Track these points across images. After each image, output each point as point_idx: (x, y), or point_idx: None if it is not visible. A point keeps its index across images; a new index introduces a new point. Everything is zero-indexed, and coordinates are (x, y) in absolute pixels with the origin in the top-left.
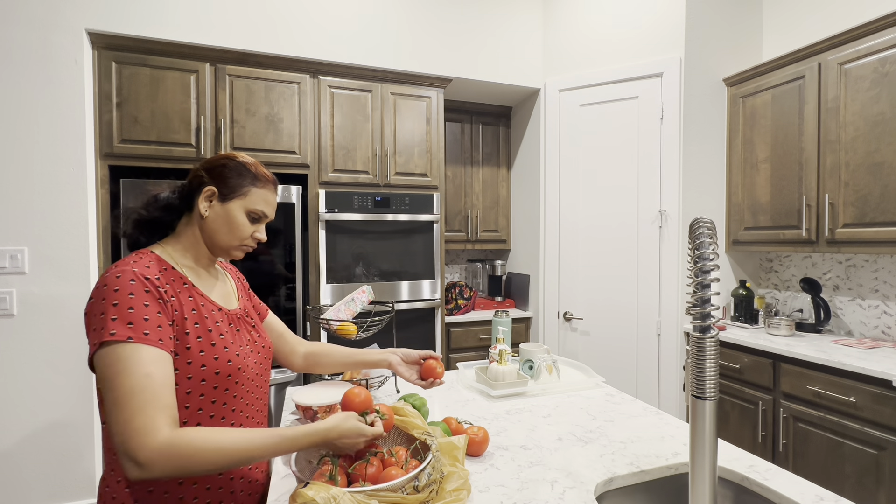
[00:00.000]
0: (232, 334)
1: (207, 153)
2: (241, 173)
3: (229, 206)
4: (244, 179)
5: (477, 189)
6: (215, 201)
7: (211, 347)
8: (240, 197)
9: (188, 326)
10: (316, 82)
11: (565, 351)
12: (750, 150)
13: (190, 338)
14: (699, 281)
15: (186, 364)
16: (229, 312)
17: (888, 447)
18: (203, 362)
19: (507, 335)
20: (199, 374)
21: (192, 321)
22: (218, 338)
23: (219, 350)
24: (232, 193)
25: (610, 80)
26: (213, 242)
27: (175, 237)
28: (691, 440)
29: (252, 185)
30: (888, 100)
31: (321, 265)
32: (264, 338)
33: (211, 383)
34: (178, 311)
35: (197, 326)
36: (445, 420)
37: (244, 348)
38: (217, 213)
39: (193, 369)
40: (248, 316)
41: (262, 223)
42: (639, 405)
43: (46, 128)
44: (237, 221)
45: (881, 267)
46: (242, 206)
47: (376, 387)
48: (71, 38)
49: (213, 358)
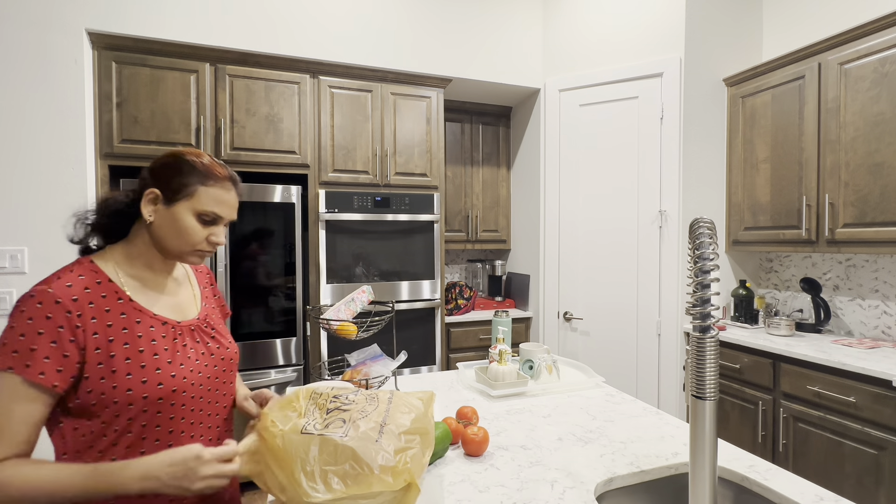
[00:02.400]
0: (174, 351)
1: (208, 153)
2: (185, 172)
3: (175, 210)
4: (190, 178)
5: (477, 189)
6: (160, 205)
7: (140, 370)
8: (185, 199)
9: (114, 348)
10: (316, 82)
11: (565, 351)
12: (750, 150)
13: (116, 360)
14: (699, 281)
15: (112, 388)
16: (178, 325)
17: (888, 447)
18: (129, 386)
19: (507, 335)
20: (125, 398)
21: (121, 342)
22: (151, 358)
23: (149, 372)
24: (176, 195)
25: (610, 80)
26: (163, 248)
27: (126, 243)
28: (691, 440)
29: (200, 184)
30: (888, 100)
31: (321, 265)
32: (225, 345)
33: (140, 407)
34: (99, 334)
35: (126, 347)
36: (445, 420)
37: (190, 364)
38: (163, 217)
39: (119, 394)
40: (206, 325)
41: (219, 225)
42: (639, 405)
43: (46, 128)
44: (185, 225)
45: (881, 267)
46: (190, 209)
47: (376, 386)
48: (71, 38)
49: (142, 381)
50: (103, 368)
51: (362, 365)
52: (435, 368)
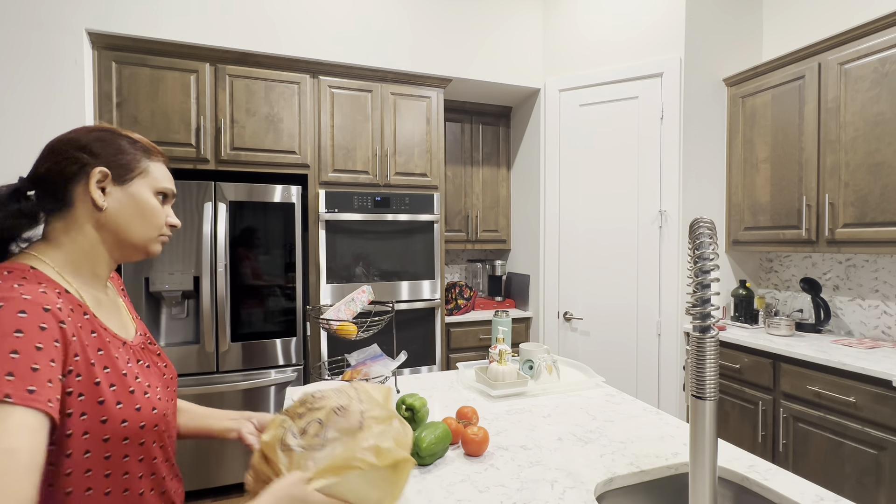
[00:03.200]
0: (144, 373)
1: (208, 153)
2: (126, 147)
3: (133, 189)
4: (136, 154)
5: (477, 189)
6: (110, 186)
7: (129, 396)
8: (141, 175)
9: (97, 374)
10: (316, 82)
11: (565, 351)
12: (750, 150)
13: (102, 388)
14: (699, 281)
15: (101, 423)
16: (132, 345)
17: (888, 447)
18: (123, 417)
19: (507, 335)
20: (119, 432)
21: (101, 366)
22: (134, 382)
23: (139, 398)
24: (130, 173)
25: (610, 80)
26: (124, 241)
27: (58, 247)
28: (691, 440)
29: (147, 158)
30: (888, 100)
31: (321, 265)
32: (169, 364)
33: (136, 440)
34: (81, 355)
35: (107, 372)
36: (445, 420)
37: (159, 388)
38: (119, 200)
39: (111, 428)
40: (150, 342)
41: (170, 204)
42: (639, 405)
43: (46, 128)
44: (150, 204)
45: (881, 267)
46: (149, 186)
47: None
48: (71, 38)
49: (135, 409)
50: (87, 400)
51: (362, 365)
52: (435, 368)
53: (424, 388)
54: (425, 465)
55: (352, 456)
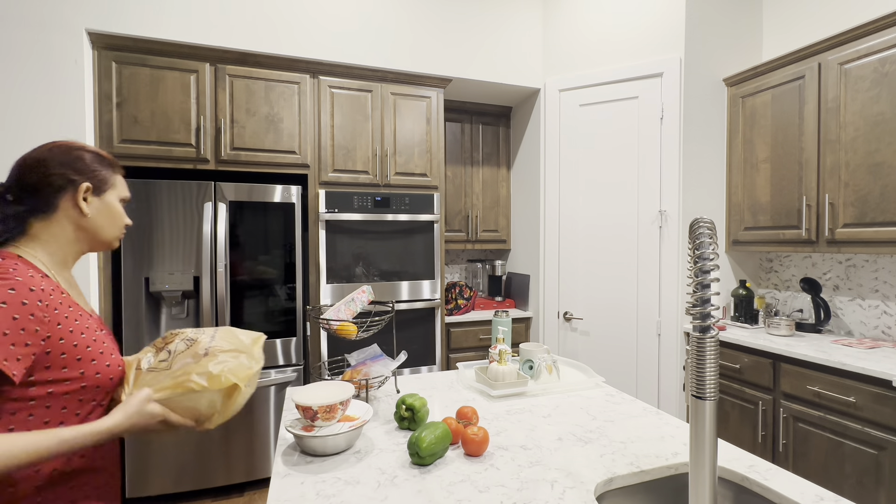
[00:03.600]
0: (107, 339)
1: (208, 153)
2: (99, 164)
3: (107, 199)
4: (107, 170)
5: (477, 189)
6: (91, 197)
7: (100, 356)
8: (111, 188)
9: (76, 338)
10: (316, 82)
11: (565, 351)
12: (750, 150)
13: (79, 349)
14: (699, 281)
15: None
16: (95, 318)
17: (888, 447)
18: (97, 370)
19: (507, 335)
20: (93, 382)
21: (79, 332)
22: (102, 345)
23: (107, 357)
24: (104, 185)
25: (610, 80)
26: (97, 239)
27: (34, 241)
28: (691, 440)
29: (114, 173)
30: (888, 100)
31: (321, 265)
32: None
33: (105, 390)
34: (63, 323)
35: (83, 337)
36: (445, 420)
37: (114, 353)
38: (98, 208)
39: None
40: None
41: None
42: (639, 405)
43: (46, 128)
44: (118, 210)
45: (881, 267)
46: (116, 196)
47: (376, 387)
48: (71, 38)
49: (105, 365)
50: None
51: (362, 365)
52: (435, 368)
53: (424, 388)
54: (425, 465)
55: (187, 378)
